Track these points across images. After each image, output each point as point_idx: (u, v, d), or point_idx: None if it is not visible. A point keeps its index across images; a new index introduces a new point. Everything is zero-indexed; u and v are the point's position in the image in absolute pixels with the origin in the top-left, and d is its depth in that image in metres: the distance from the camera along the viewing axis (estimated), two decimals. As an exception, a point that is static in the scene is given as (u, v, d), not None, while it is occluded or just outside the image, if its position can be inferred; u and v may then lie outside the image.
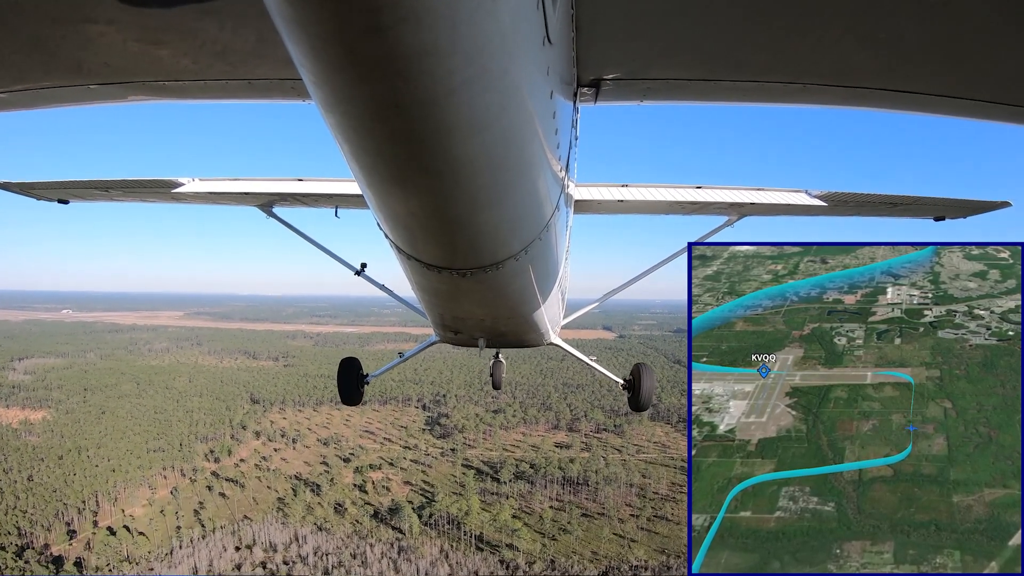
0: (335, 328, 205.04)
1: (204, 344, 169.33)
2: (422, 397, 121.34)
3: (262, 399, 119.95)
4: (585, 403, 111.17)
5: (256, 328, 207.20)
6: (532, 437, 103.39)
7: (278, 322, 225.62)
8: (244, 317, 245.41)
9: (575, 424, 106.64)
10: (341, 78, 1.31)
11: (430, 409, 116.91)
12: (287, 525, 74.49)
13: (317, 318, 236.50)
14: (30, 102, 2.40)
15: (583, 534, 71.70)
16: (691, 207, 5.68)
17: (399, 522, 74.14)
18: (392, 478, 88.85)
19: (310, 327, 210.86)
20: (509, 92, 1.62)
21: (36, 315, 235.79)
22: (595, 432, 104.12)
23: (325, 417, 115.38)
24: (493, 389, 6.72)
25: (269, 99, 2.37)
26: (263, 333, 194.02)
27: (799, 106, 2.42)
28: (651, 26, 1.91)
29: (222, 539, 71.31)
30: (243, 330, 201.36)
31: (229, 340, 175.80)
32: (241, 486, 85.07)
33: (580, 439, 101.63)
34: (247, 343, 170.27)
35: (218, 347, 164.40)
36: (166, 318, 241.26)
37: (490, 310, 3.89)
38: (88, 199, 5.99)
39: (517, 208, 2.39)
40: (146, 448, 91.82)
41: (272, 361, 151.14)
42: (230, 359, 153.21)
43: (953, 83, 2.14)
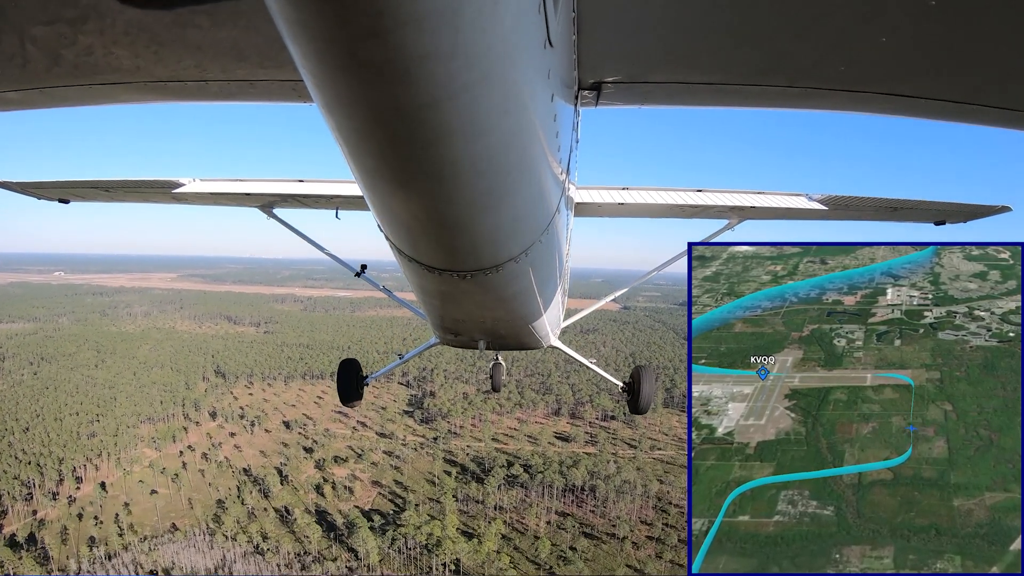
0: (328, 292, 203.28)
1: (187, 308, 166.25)
2: (407, 372, 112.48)
3: (229, 371, 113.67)
4: (590, 385, 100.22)
5: (245, 291, 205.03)
6: (529, 425, 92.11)
7: (271, 285, 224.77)
8: (238, 279, 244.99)
9: (578, 410, 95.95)
10: (342, 81, 1.33)
11: (414, 387, 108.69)
12: (213, 545, 62.35)
13: (312, 281, 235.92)
14: (31, 102, 2.41)
15: (588, 567, 58.39)
16: (691, 210, 5.74)
17: (356, 542, 60.81)
18: (359, 477, 77.42)
19: (302, 290, 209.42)
20: (510, 95, 1.64)
21: (25, 277, 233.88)
22: (601, 421, 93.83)
23: (295, 393, 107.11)
24: (492, 391, 6.80)
25: (270, 101, 2.39)
26: (251, 296, 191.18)
27: (800, 110, 2.42)
28: (652, 29, 1.92)
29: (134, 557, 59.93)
30: (231, 293, 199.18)
31: (214, 303, 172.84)
32: (179, 483, 74.41)
33: (584, 430, 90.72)
34: (232, 307, 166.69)
35: (200, 311, 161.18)
36: (157, 280, 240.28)
37: (490, 312, 3.92)
38: (89, 199, 6.09)
39: (518, 211, 2.42)
40: (83, 432, 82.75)
41: (253, 327, 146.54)
42: (210, 324, 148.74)
43: (954, 88, 2.14)
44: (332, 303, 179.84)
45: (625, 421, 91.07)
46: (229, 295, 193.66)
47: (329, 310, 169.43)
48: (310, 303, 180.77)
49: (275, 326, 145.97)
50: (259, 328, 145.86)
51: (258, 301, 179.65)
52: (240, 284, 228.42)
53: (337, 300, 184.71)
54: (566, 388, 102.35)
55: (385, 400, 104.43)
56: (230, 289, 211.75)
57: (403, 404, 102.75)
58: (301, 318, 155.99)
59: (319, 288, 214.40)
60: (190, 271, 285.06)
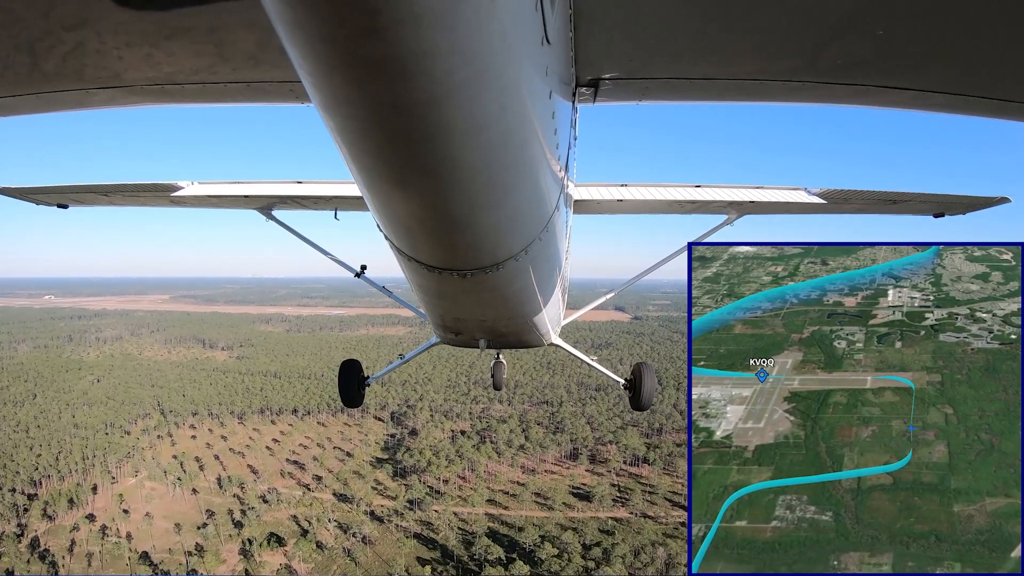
0: (321, 310, 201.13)
1: (163, 331, 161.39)
2: (387, 405, 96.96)
3: (177, 408, 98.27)
4: (610, 415, 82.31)
5: (232, 311, 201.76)
6: (538, 477, 71.68)
7: (263, 304, 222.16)
8: (231, 300, 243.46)
9: (600, 451, 75.64)
10: (340, 80, 1.35)
11: (395, 423, 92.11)
12: None
13: (308, 299, 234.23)
14: (29, 107, 2.43)
15: None
16: (690, 206, 5.80)
17: None
18: (294, 570, 57.32)
19: (293, 309, 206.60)
20: (508, 92, 1.66)
21: (11, 301, 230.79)
22: (630, 466, 72.97)
23: (247, 435, 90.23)
24: (494, 390, 6.88)
25: (268, 102, 2.42)
26: (236, 317, 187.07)
27: (798, 104, 2.45)
28: (649, 25, 1.94)
29: None
30: (217, 314, 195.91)
31: (193, 326, 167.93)
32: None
33: (609, 480, 69.74)
34: (210, 329, 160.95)
35: (175, 334, 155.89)
36: (148, 302, 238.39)
37: (490, 311, 3.98)
38: (88, 203, 6.11)
39: (517, 209, 2.45)
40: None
41: (226, 351, 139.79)
42: (181, 348, 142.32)
43: (951, 79, 2.18)
44: (321, 322, 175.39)
45: (664, 465, 70.69)
46: (214, 316, 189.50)
47: (315, 330, 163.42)
48: (297, 323, 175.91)
49: (249, 350, 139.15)
50: (231, 352, 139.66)
51: (242, 322, 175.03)
52: (231, 304, 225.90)
53: (326, 319, 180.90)
54: (581, 423, 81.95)
55: (355, 442, 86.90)
56: (217, 310, 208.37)
57: (376, 448, 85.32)
58: (281, 340, 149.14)
59: (312, 306, 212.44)
60: (184, 292, 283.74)
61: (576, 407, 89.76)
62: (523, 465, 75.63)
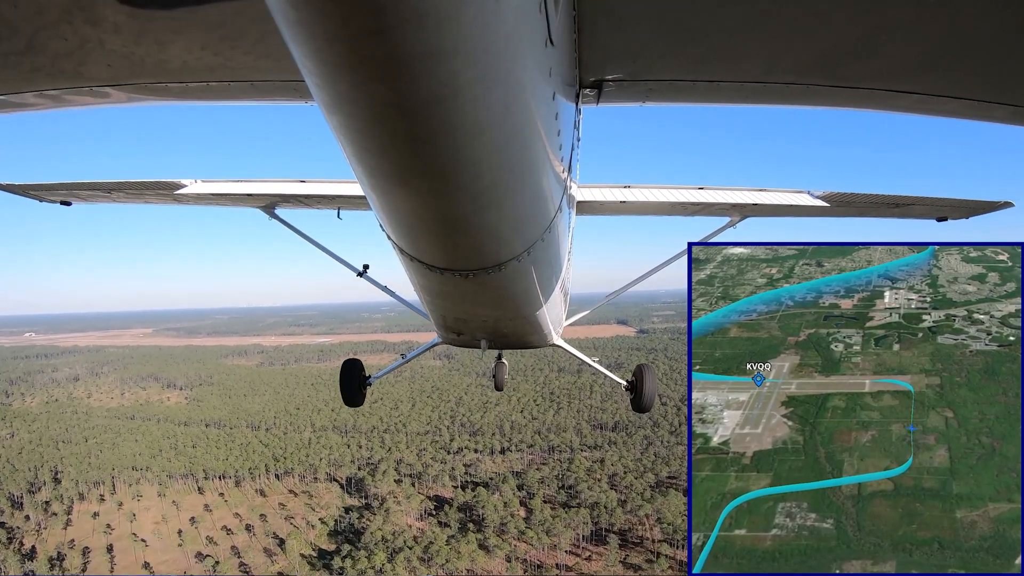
0: (304, 339, 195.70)
1: (123, 369, 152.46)
2: (342, 464, 78.36)
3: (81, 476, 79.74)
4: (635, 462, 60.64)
5: (207, 344, 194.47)
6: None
7: (245, 335, 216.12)
8: (213, 331, 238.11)
9: (632, 526, 53.12)
10: (344, 79, 1.37)
11: (354, 490, 74.40)
12: None
13: (295, 327, 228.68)
14: (33, 105, 2.48)
15: None
16: (693, 208, 5.82)
17: None
18: None
19: (275, 339, 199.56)
20: (511, 94, 1.68)
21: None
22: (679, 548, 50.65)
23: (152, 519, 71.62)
24: (496, 390, 6.95)
25: (272, 101, 2.47)
26: (210, 350, 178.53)
27: (801, 107, 2.50)
28: (653, 27, 1.97)
29: None
30: (191, 347, 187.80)
31: (157, 362, 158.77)
32: None
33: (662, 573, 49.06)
34: (175, 366, 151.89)
35: (135, 373, 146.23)
36: (130, 336, 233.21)
37: (492, 311, 4.06)
38: (91, 200, 6.12)
39: (519, 209, 2.49)
40: None
41: (181, 391, 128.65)
42: (135, 389, 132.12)
43: (953, 83, 2.22)
44: (298, 353, 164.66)
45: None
46: (186, 350, 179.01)
47: (288, 362, 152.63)
48: (272, 355, 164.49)
49: (206, 390, 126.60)
50: (185, 393, 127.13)
51: (213, 356, 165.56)
52: (212, 336, 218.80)
53: (305, 349, 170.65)
54: (601, 488, 58.26)
55: (297, 519, 66.96)
56: (194, 343, 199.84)
57: (322, 533, 64.17)
58: (245, 376, 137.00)
59: (296, 335, 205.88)
60: (169, 324, 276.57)
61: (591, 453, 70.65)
62: (527, 558, 52.72)
